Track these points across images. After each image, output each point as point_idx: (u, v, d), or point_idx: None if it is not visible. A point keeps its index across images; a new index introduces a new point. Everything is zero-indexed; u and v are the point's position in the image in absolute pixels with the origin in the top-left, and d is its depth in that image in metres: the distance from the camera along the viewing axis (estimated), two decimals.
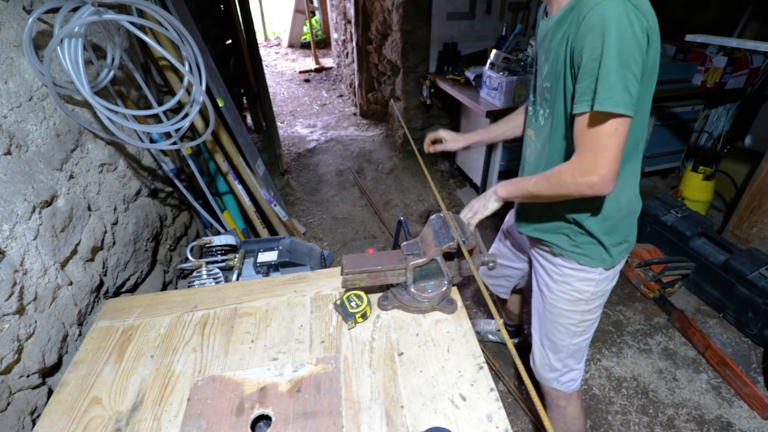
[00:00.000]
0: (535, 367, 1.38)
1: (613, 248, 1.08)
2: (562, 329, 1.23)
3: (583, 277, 1.13)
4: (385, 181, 3.43)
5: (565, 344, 1.25)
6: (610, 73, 0.79)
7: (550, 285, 1.21)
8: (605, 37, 0.77)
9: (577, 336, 1.23)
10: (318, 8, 7.26)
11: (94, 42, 1.32)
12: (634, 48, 0.78)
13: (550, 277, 1.20)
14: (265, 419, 0.86)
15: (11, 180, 0.93)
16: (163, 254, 1.70)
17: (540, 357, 1.34)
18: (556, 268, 1.17)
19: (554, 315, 1.22)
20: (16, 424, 0.89)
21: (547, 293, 1.22)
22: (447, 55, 3.10)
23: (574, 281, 1.14)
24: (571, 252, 1.11)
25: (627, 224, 1.09)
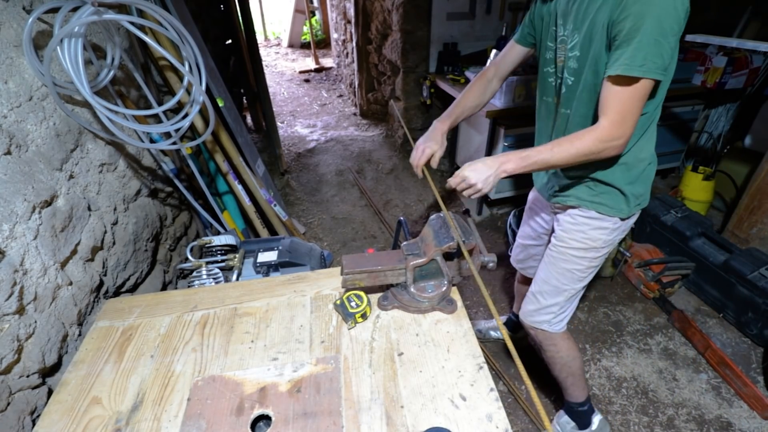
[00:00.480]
0: (527, 315, 1.43)
1: (633, 198, 1.15)
2: (568, 274, 1.29)
3: (598, 225, 1.20)
4: (385, 181, 3.43)
5: (568, 288, 1.32)
6: (650, 41, 0.85)
7: (562, 235, 1.28)
8: (650, 7, 0.83)
9: (580, 281, 1.31)
10: (318, 8, 7.26)
11: (94, 42, 1.32)
12: (674, 20, 0.84)
13: (563, 227, 1.27)
14: (265, 419, 0.86)
15: (11, 180, 0.93)
16: (163, 254, 1.70)
17: (535, 304, 1.40)
18: (572, 218, 1.24)
19: (563, 261, 1.29)
20: (16, 424, 0.89)
21: (559, 243, 1.29)
22: (447, 55, 3.10)
23: (588, 229, 1.22)
24: (590, 202, 1.19)
25: (647, 176, 1.16)
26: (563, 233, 1.28)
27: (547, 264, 1.35)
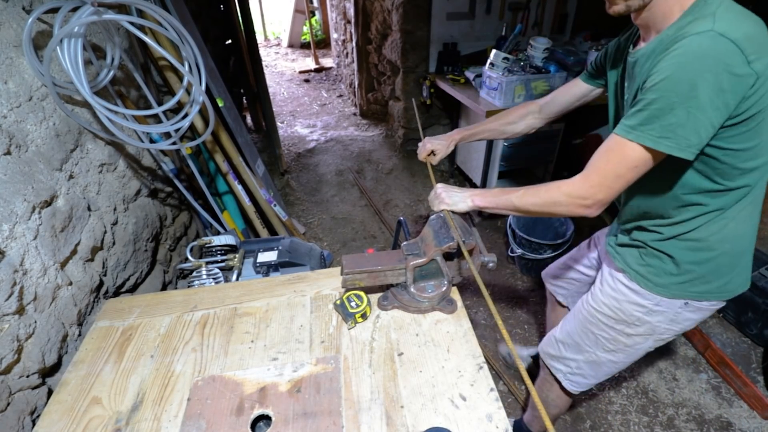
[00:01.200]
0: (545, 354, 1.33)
1: (692, 282, 0.97)
2: (592, 337, 1.16)
3: (635, 300, 1.05)
4: (385, 181, 3.43)
5: (590, 351, 1.18)
6: (663, 108, 0.74)
7: (597, 294, 1.14)
8: (675, 70, 0.72)
9: (607, 352, 1.15)
10: (318, 8, 7.26)
11: (93, 42, 1.32)
12: (712, 93, 0.71)
13: (602, 286, 1.13)
14: (265, 419, 0.86)
15: (11, 180, 0.93)
16: (163, 254, 1.70)
17: (554, 349, 1.29)
18: (612, 280, 1.10)
19: (590, 322, 1.16)
20: (16, 424, 0.89)
21: (591, 301, 1.16)
22: (447, 55, 3.10)
23: (623, 300, 1.07)
24: (634, 271, 1.04)
25: (726, 265, 0.95)
26: (599, 292, 1.13)
27: (574, 316, 1.23)
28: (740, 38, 0.70)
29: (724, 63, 0.70)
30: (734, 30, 0.70)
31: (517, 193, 0.97)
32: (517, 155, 2.72)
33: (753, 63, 0.70)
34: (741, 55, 0.70)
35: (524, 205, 0.96)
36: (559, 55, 2.66)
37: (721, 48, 0.70)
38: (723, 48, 0.70)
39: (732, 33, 0.70)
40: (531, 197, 0.95)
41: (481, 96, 2.64)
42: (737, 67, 0.70)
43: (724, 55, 0.70)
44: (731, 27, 0.71)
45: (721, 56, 0.70)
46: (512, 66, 2.44)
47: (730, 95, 0.72)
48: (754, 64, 0.70)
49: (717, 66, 0.70)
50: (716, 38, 0.70)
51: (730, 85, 0.71)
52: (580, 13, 3.32)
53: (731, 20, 0.72)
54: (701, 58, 0.71)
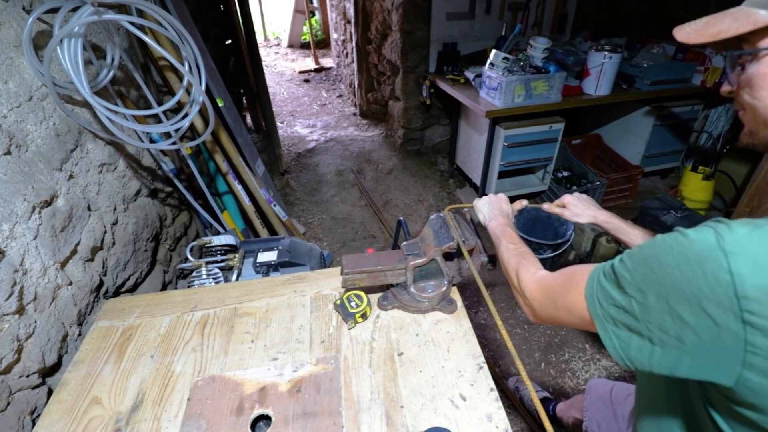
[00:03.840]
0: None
1: None
2: None
3: None
4: (384, 181, 3.43)
5: None
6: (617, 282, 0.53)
7: None
8: (649, 249, 0.51)
9: None
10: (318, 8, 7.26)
11: (93, 42, 1.32)
12: (664, 306, 0.47)
13: None
14: (265, 419, 0.86)
15: (11, 180, 0.93)
16: (163, 254, 1.70)
17: None
18: None
19: None
20: (16, 424, 0.89)
21: None
22: (447, 55, 3.10)
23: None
24: None
25: None
26: None
27: None
28: (754, 277, 0.41)
29: (701, 291, 0.44)
30: (759, 262, 0.41)
31: (511, 245, 0.89)
32: (516, 156, 2.72)
33: (754, 317, 0.41)
34: (732, 298, 0.42)
35: (500, 255, 0.89)
36: (558, 55, 2.66)
37: (704, 266, 0.44)
38: (708, 269, 0.43)
39: (746, 262, 0.42)
40: (506, 253, 0.86)
41: (481, 96, 2.64)
42: (718, 310, 0.43)
43: (701, 277, 0.44)
44: (758, 256, 0.42)
45: (695, 275, 0.44)
46: (512, 66, 2.44)
47: (688, 332, 0.46)
48: (754, 320, 0.41)
49: (682, 278, 0.45)
50: (713, 249, 0.44)
51: (695, 319, 0.45)
52: (580, 13, 3.33)
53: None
54: (676, 247, 0.47)
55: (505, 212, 1.05)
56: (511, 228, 0.97)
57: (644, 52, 2.86)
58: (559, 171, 3.09)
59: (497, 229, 0.98)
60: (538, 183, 3.03)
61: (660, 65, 2.72)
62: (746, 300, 0.41)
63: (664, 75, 2.73)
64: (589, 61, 2.58)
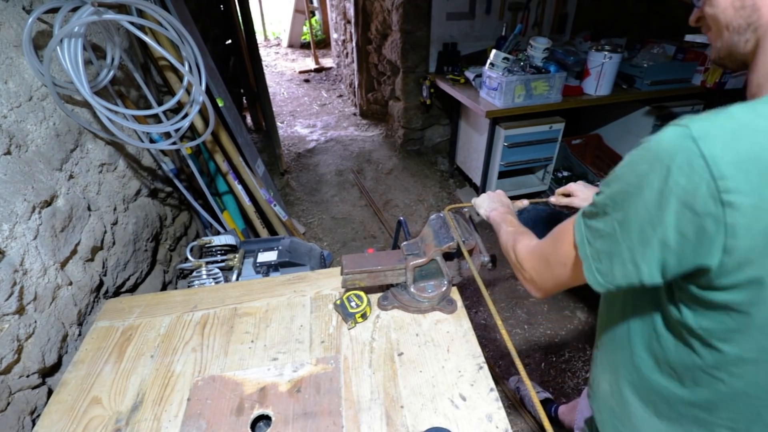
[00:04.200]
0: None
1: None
2: None
3: None
4: (385, 181, 3.43)
5: None
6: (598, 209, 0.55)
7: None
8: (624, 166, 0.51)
9: None
10: (318, 8, 7.26)
11: (93, 42, 1.32)
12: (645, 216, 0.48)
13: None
14: (265, 419, 0.86)
15: (11, 180, 0.93)
16: (163, 254, 1.70)
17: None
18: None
19: None
20: (16, 424, 0.89)
21: None
22: (447, 55, 3.10)
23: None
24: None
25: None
26: None
27: None
28: (725, 155, 0.42)
29: (678, 184, 0.45)
30: (731, 141, 0.43)
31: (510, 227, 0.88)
32: (517, 156, 2.72)
33: (731, 195, 0.42)
34: (709, 181, 0.43)
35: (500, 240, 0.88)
36: (558, 55, 2.66)
37: (677, 159, 0.44)
38: (680, 160, 0.44)
39: (716, 143, 0.43)
40: (504, 236, 0.85)
41: (481, 96, 2.64)
42: (696, 199, 0.44)
43: (676, 171, 0.45)
44: (731, 135, 0.43)
45: (670, 171, 0.45)
46: (512, 66, 2.44)
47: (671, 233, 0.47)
48: (732, 198, 0.42)
49: (658, 181, 0.46)
50: (681, 139, 0.44)
51: (675, 218, 0.46)
52: (580, 13, 3.33)
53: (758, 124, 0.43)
54: (648, 154, 0.48)
55: (505, 204, 1.05)
56: (511, 215, 0.97)
57: (644, 52, 2.86)
58: (559, 171, 3.09)
59: (498, 217, 0.97)
60: (538, 183, 3.03)
61: (660, 65, 2.72)
62: (722, 180, 0.42)
63: (664, 75, 2.73)
64: (589, 61, 2.57)
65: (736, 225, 0.43)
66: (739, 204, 0.42)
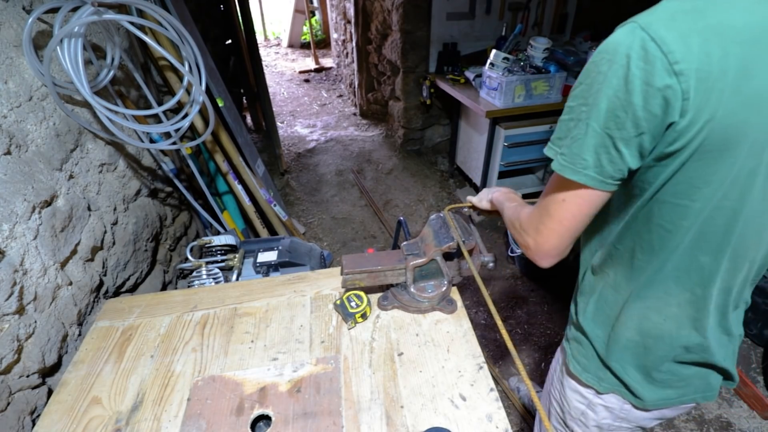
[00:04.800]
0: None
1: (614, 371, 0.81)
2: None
3: (573, 387, 0.90)
4: (385, 181, 3.43)
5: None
6: (568, 123, 0.61)
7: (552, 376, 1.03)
8: (585, 73, 0.59)
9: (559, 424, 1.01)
10: (318, 8, 7.26)
11: (93, 42, 1.32)
12: (616, 103, 0.55)
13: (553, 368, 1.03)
14: (265, 419, 0.86)
15: (11, 180, 0.93)
16: (163, 254, 1.70)
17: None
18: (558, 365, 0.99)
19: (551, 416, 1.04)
20: (16, 424, 0.89)
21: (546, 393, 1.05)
22: (447, 55, 3.10)
23: (568, 390, 0.93)
24: (568, 349, 0.91)
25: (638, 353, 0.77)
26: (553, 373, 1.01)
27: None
28: (669, 34, 0.51)
29: (639, 67, 0.53)
30: (670, 24, 0.52)
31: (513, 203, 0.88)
32: (517, 156, 2.72)
33: (680, 65, 0.51)
34: (662, 58, 0.51)
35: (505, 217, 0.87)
36: (559, 55, 2.66)
37: (634, 47, 0.53)
38: (636, 47, 0.53)
39: (659, 27, 0.52)
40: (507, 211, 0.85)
41: (481, 96, 2.64)
42: (654, 75, 0.52)
43: (635, 57, 0.53)
44: (668, 19, 0.53)
45: (630, 59, 0.53)
46: (512, 66, 2.44)
47: (640, 112, 0.54)
48: (681, 67, 0.51)
49: (622, 69, 0.54)
50: (633, 32, 0.53)
51: (642, 97, 0.53)
52: (580, 13, 3.33)
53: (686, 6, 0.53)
54: (607, 55, 0.55)
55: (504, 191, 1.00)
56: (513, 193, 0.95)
57: None
58: None
59: (501, 197, 0.94)
60: (538, 183, 3.03)
61: None
62: (671, 54, 0.51)
63: None
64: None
65: (689, 88, 0.52)
66: (687, 70, 0.51)
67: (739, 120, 0.53)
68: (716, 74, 0.51)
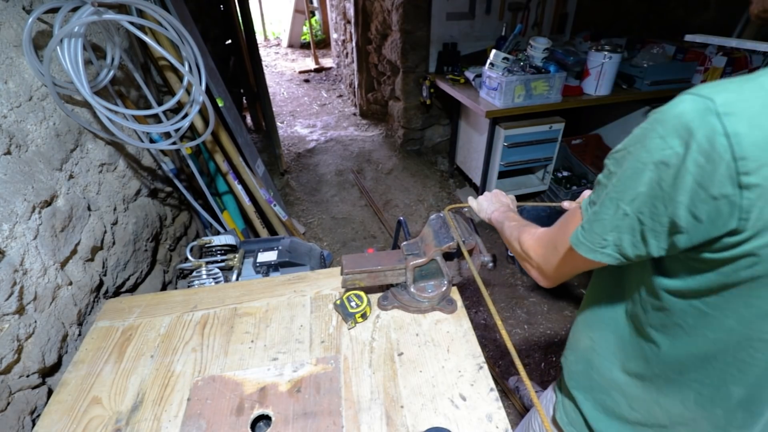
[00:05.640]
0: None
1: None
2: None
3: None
4: (384, 181, 3.43)
5: None
6: (597, 192, 0.55)
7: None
8: (633, 139, 0.49)
9: None
10: (318, 8, 7.26)
11: (93, 42, 1.32)
12: (657, 192, 0.46)
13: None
14: (265, 419, 0.86)
15: (11, 180, 0.93)
16: (163, 254, 1.70)
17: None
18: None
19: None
20: (16, 424, 0.89)
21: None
22: (447, 55, 3.10)
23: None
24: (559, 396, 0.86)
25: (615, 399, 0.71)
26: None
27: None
28: (751, 134, 0.40)
29: (697, 164, 0.42)
30: (758, 118, 0.40)
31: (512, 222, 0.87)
32: (516, 156, 2.72)
33: (750, 178, 0.40)
34: (729, 162, 0.40)
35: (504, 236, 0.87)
36: (558, 55, 2.66)
37: (698, 136, 0.42)
38: (702, 137, 0.41)
39: (742, 121, 0.40)
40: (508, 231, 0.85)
41: (481, 96, 2.64)
42: (713, 180, 0.42)
43: (695, 149, 0.42)
44: (759, 111, 0.40)
45: (689, 149, 0.42)
46: (512, 66, 2.44)
47: (683, 212, 0.45)
48: (750, 180, 0.40)
49: (675, 158, 0.43)
50: (704, 114, 0.41)
51: (689, 198, 0.44)
52: (580, 13, 3.33)
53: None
54: (662, 129, 0.45)
55: (505, 203, 1.03)
56: (512, 212, 0.95)
57: (644, 52, 2.86)
58: (559, 171, 3.09)
59: (500, 216, 0.94)
60: (538, 183, 3.03)
61: (660, 65, 2.72)
62: (743, 161, 0.40)
63: (664, 75, 2.73)
64: (589, 61, 2.58)
65: (751, 207, 0.41)
66: (756, 185, 0.40)
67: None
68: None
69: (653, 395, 0.65)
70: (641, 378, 0.66)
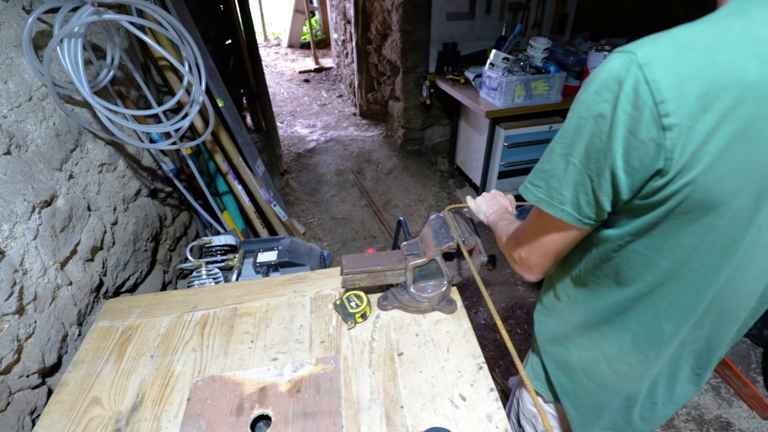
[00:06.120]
0: None
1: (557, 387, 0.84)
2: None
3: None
4: (384, 181, 3.43)
5: None
6: (548, 152, 0.59)
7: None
8: (577, 100, 0.54)
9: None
10: (318, 8, 7.26)
11: (93, 42, 1.32)
12: (597, 145, 0.51)
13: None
14: (264, 419, 0.86)
15: (11, 180, 0.93)
16: (163, 254, 1.70)
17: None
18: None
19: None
20: (16, 424, 0.89)
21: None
22: (447, 55, 3.10)
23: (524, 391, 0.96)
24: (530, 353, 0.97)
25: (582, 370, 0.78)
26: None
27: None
28: (666, 79, 0.44)
29: (626, 111, 0.47)
30: (672, 65, 0.44)
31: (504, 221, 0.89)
32: (517, 156, 2.72)
33: (670, 119, 0.45)
34: (652, 107, 0.45)
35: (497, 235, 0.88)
36: (558, 55, 2.66)
37: (625, 87, 0.46)
38: (627, 87, 0.46)
39: (659, 68, 0.44)
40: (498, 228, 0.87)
41: (481, 96, 2.64)
42: (641, 125, 0.46)
43: (623, 100, 0.47)
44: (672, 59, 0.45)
45: (619, 100, 0.47)
46: (512, 66, 2.44)
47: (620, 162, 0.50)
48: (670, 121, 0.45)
49: (613, 111, 0.48)
50: (628, 66, 0.46)
51: (623, 146, 0.48)
52: (580, 13, 3.33)
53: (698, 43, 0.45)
54: (596, 85, 0.50)
55: (503, 205, 1.03)
56: (508, 213, 0.97)
57: None
58: None
59: (495, 218, 0.96)
60: None
61: None
62: (663, 104, 0.45)
63: None
64: (589, 61, 2.57)
65: (674, 146, 0.46)
66: (675, 125, 0.45)
67: (724, 188, 0.47)
68: (708, 135, 0.44)
69: (598, 342, 0.72)
70: (588, 327, 0.73)
